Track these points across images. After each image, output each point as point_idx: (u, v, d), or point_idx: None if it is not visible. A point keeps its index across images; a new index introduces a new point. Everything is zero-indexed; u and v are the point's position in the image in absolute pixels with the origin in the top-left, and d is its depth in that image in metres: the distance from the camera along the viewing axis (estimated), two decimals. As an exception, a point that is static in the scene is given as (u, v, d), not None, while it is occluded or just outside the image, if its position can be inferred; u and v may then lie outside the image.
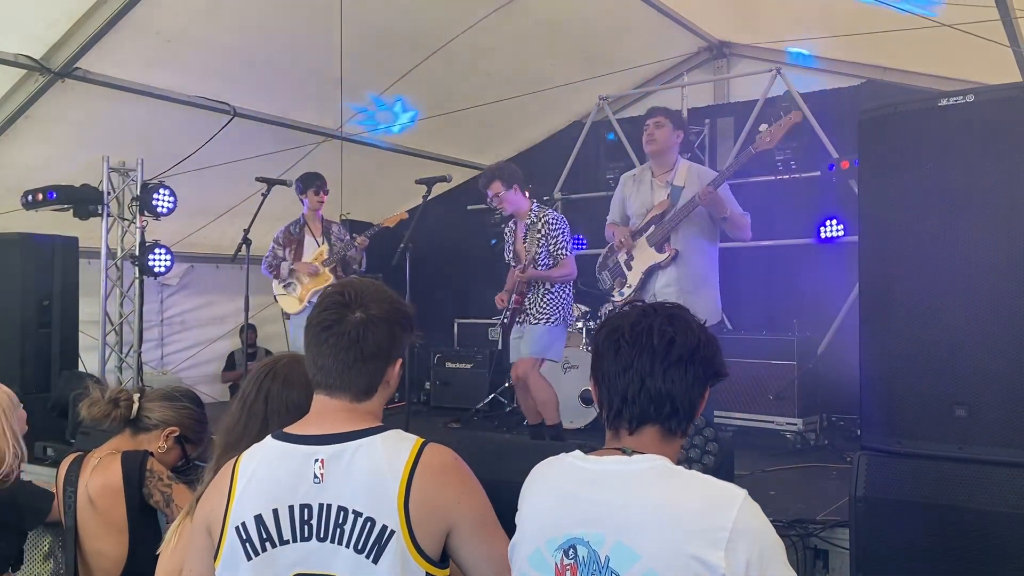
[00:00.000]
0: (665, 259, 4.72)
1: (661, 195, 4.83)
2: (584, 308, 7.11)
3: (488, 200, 5.59)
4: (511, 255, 5.62)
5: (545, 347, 5.32)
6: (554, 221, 5.38)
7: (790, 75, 7.22)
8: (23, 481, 3.23)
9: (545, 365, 5.47)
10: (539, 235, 5.34)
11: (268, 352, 9.45)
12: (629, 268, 4.91)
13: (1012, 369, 2.64)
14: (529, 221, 5.43)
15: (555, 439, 5.16)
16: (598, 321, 6.67)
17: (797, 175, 7.12)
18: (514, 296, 5.41)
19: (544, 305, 5.33)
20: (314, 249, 6.46)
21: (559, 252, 5.33)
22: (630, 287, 4.86)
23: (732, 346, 5.41)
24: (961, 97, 2.77)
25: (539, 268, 5.33)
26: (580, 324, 6.54)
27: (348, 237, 6.53)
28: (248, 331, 9.28)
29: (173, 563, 2.24)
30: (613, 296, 5.06)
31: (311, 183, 6.45)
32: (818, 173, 6.92)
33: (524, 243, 5.42)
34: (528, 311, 5.40)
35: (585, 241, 8.01)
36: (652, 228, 4.80)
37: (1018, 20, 5.26)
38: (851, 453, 3.23)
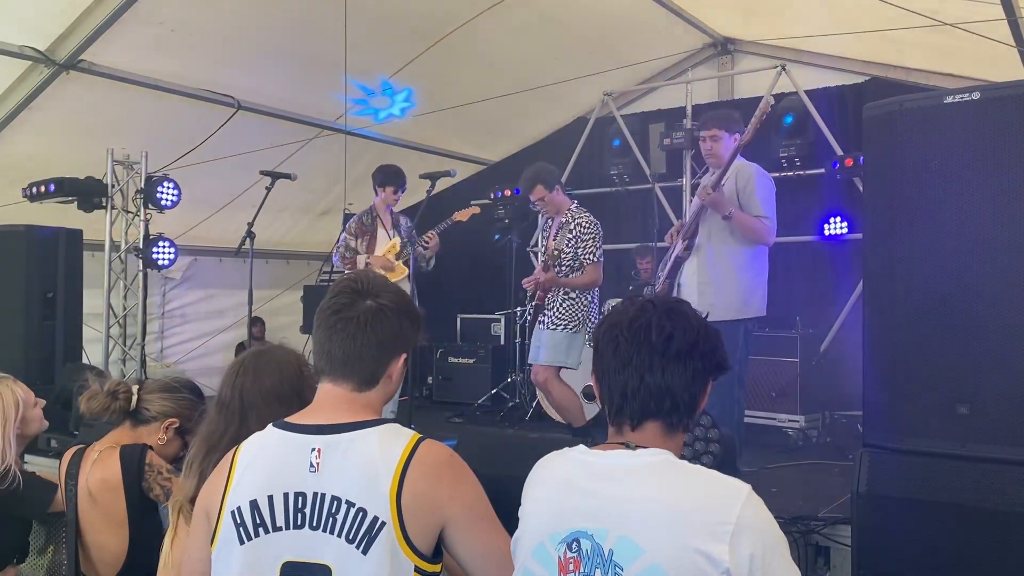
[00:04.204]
0: (682, 250, 4.76)
1: None
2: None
3: (532, 205, 5.56)
4: (543, 250, 5.61)
5: (561, 354, 5.28)
6: (587, 225, 5.30)
7: (795, 72, 7.21)
8: (27, 472, 3.25)
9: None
10: (570, 235, 5.28)
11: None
12: (669, 258, 4.98)
13: (1015, 368, 2.64)
14: (564, 219, 5.38)
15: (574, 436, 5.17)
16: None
17: (801, 172, 7.12)
18: (538, 293, 5.41)
19: (563, 310, 5.30)
20: (386, 241, 6.19)
21: (586, 256, 5.26)
22: (663, 275, 4.95)
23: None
24: (967, 94, 2.76)
25: (563, 268, 5.28)
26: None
27: (415, 231, 6.26)
28: (256, 324, 9.30)
29: (174, 557, 2.26)
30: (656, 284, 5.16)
31: (391, 181, 6.16)
32: (822, 170, 6.91)
33: (555, 239, 5.38)
34: (547, 312, 5.38)
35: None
36: (696, 217, 4.84)
37: (1023, 19, 5.25)
38: (853, 450, 3.23)
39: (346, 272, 6.10)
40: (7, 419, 3.20)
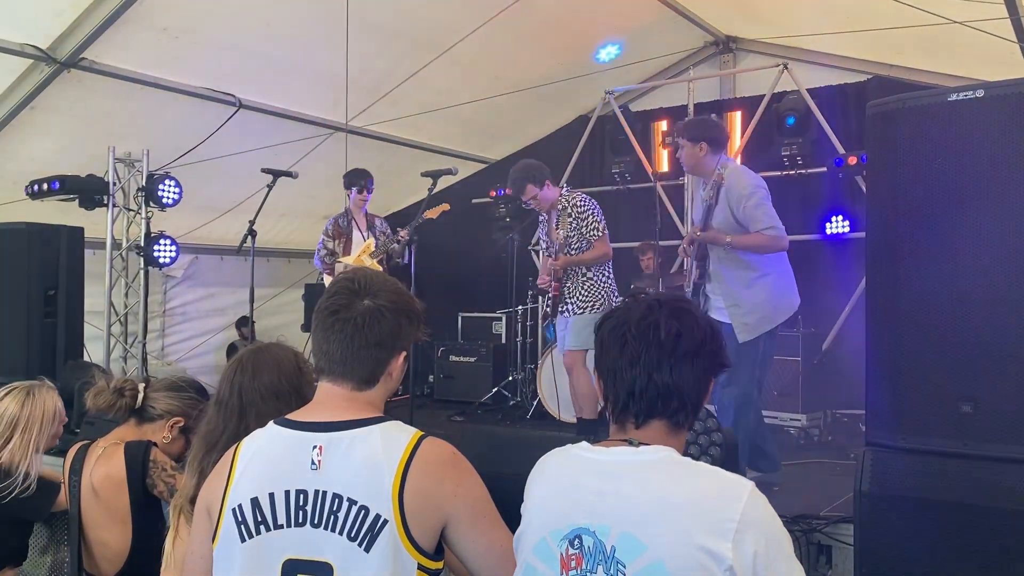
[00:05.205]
0: (698, 276, 4.70)
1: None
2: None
3: (525, 204, 5.60)
4: (546, 244, 5.62)
5: (588, 337, 5.24)
6: (582, 203, 5.36)
7: (797, 70, 7.20)
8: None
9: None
10: (570, 219, 5.32)
11: None
12: (688, 281, 4.88)
13: (1018, 366, 2.63)
14: (560, 207, 5.42)
15: (579, 432, 5.16)
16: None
17: (803, 171, 7.11)
18: (552, 284, 5.42)
19: (585, 293, 5.34)
20: (361, 243, 6.47)
21: (591, 234, 5.31)
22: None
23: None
24: (971, 92, 2.75)
25: (572, 252, 5.33)
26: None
27: (390, 231, 6.52)
28: (245, 324, 9.30)
29: (176, 556, 2.26)
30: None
31: (354, 182, 6.49)
32: (824, 169, 6.91)
33: (557, 229, 5.43)
34: (568, 300, 5.40)
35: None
36: (695, 244, 4.71)
37: (1026, 17, 5.24)
38: (855, 449, 3.23)
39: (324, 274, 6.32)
40: (44, 425, 3.22)
